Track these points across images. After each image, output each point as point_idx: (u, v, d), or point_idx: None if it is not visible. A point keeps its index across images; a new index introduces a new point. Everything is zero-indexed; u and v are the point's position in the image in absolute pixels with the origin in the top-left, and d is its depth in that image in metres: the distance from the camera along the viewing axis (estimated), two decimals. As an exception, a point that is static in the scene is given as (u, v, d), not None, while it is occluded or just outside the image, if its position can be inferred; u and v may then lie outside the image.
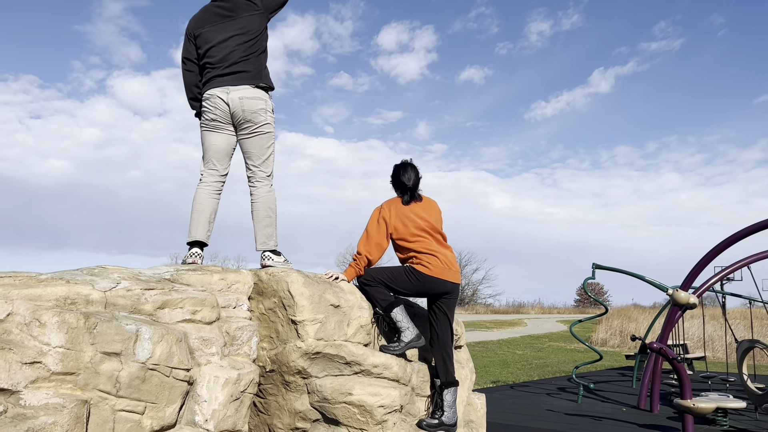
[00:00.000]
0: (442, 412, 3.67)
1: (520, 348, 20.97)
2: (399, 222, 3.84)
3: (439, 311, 3.81)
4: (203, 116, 3.77)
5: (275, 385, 3.41)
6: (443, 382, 3.70)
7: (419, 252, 3.82)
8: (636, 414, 8.94)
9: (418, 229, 3.87)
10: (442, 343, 3.75)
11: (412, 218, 3.86)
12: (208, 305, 2.81)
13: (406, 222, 3.84)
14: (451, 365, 3.75)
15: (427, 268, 3.77)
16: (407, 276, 3.78)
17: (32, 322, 2.22)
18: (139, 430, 2.38)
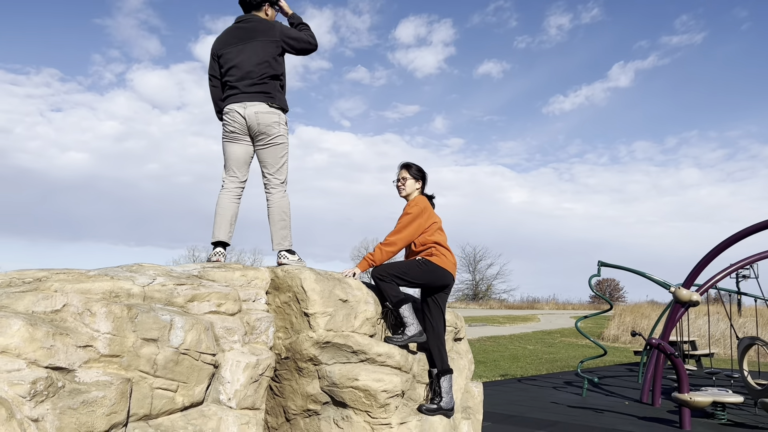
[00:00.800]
0: (440, 398, 4.04)
1: (531, 343, 21.24)
2: (431, 217, 4.25)
3: (434, 304, 4.18)
4: (224, 128, 4.16)
5: (289, 371, 3.81)
6: (439, 370, 4.07)
7: (439, 245, 4.21)
8: (638, 407, 9.23)
9: (440, 224, 4.30)
10: (437, 334, 4.12)
11: (433, 214, 4.29)
12: (231, 299, 3.21)
13: (436, 217, 4.26)
14: (446, 354, 4.12)
15: (442, 260, 4.16)
16: (421, 267, 4.15)
17: (84, 312, 2.62)
18: (172, 405, 2.78)
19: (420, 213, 4.15)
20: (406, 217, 4.15)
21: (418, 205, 4.19)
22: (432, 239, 4.20)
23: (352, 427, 3.71)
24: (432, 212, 4.28)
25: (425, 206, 4.21)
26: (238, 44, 4.10)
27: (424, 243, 4.20)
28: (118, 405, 2.53)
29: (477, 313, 38.11)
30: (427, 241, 4.20)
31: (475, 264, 63.62)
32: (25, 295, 2.62)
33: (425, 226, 4.17)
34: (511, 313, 40.17)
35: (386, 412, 3.74)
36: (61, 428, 2.38)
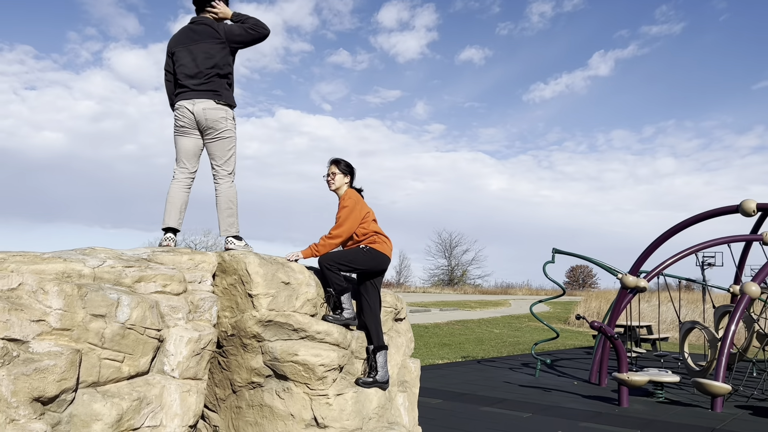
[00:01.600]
0: (375, 372, 4.41)
1: (499, 327, 21.83)
2: (364, 208, 4.60)
3: (371, 286, 4.55)
4: (175, 123, 4.46)
5: (235, 347, 4.15)
6: (375, 346, 4.45)
7: (378, 233, 4.59)
8: (585, 386, 9.76)
9: (373, 215, 4.66)
10: (374, 313, 4.49)
11: (365, 205, 4.64)
12: (177, 280, 3.53)
13: (365, 208, 4.60)
14: (381, 332, 4.50)
15: (384, 246, 4.54)
16: (366, 255, 4.51)
17: (38, 290, 2.93)
18: (119, 373, 3.11)
19: (355, 205, 4.50)
20: (344, 210, 4.49)
21: (352, 198, 4.53)
22: (372, 228, 4.56)
23: (293, 398, 4.07)
24: (364, 203, 4.62)
25: (358, 198, 4.57)
26: (189, 44, 4.39)
27: (365, 233, 4.56)
28: (67, 372, 2.85)
29: (451, 298, 38.73)
30: (367, 230, 4.56)
31: (451, 250, 64.36)
32: (-17, 275, 2.92)
33: (362, 216, 4.52)
34: (484, 298, 40.87)
35: (324, 384, 4.10)
36: (16, 392, 2.70)
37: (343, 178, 4.66)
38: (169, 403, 3.28)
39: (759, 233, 10.55)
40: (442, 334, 18.08)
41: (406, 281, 63.62)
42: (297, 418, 4.04)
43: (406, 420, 4.73)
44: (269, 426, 4.09)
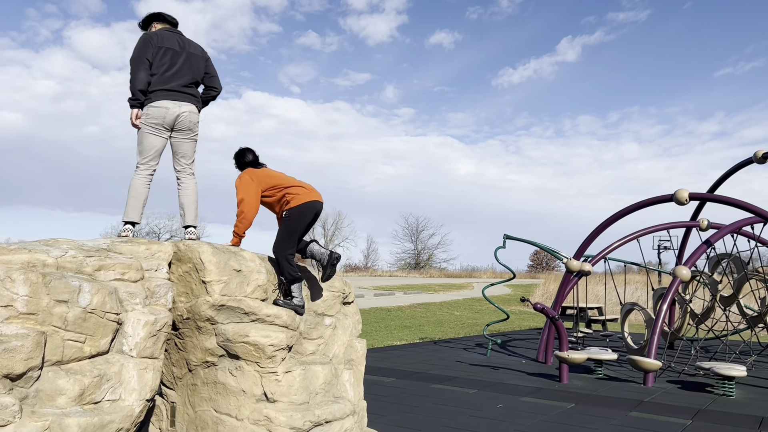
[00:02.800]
0: (292, 297, 4.81)
1: (459, 309, 22.49)
2: (264, 178, 4.93)
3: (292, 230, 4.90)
4: (148, 119, 4.73)
5: (191, 329, 4.50)
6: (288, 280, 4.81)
7: (288, 187, 4.91)
8: (532, 365, 10.34)
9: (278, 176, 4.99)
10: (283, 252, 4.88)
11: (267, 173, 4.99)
12: (134, 268, 3.86)
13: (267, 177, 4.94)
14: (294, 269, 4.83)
15: (299, 198, 4.87)
16: (290, 219, 4.85)
17: (5, 279, 3.24)
18: (81, 353, 3.45)
19: (242, 183, 4.90)
20: (237, 192, 4.93)
21: (240, 179, 4.95)
22: (283, 190, 4.92)
23: (244, 376, 4.45)
24: (262, 175, 4.95)
25: (246, 178, 4.93)
26: (178, 49, 4.82)
27: (277, 196, 4.95)
28: (33, 352, 3.18)
29: (416, 282, 39.38)
30: (276, 193, 4.94)
31: (417, 234, 65.12)
32: (-46, 265, 3.22)
33: (257, 187, 4.89)
34: (448, 281, 41.63)
35: (273, 362, 4.49)
36: (-14, 370, 3.02)
37: None
38: (128, 380, 3.63)
39: (696, 220, 11.25)
40: (403, 317, 18.61)
41: (373, 265, 64.24)
42: (248, 393, 4.42)
43: (352, 395, 5.15)
44: (223, 401, 4.47)
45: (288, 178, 5.03)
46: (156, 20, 5.00)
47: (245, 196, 4.86)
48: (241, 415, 4.39)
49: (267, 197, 4.97)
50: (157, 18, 5.00)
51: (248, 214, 4.86)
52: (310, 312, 5.06)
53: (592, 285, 22.48)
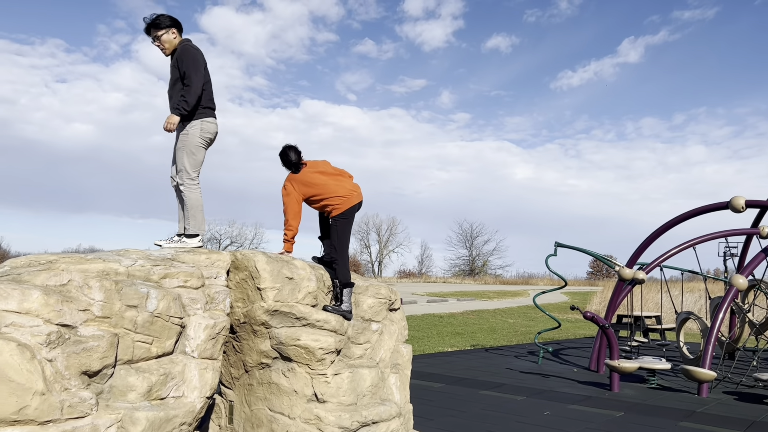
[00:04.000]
0: (341, 302, 5.08)
1: (513, 317, 22.35)
2: (304, 187, 5.19)
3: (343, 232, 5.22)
4: (204, 134, 4.96)
5: (247, 333, 4.83)
6: (342, 284, 5.13)
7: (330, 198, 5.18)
8: (583, 373, 10.29)
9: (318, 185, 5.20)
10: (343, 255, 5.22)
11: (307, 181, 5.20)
12: (196, 276, 4.21)
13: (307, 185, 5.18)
14: (348, 272, 5.17)
15: (341, 207, 5.18)
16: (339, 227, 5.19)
17: (84, 286, 3.62)
18: (148, 353, 3.80)
19: (286, 193, 5.19)
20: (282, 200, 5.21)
21: (284, 187, 5.22)
22: (323, 200, 5.19)
23: (296, 377, 4.74)
24: (302, 184, 5.18)
25: (289, 187, 5.18)
26: None
27: (322, 208, 5.26)
28: (107, 352, 3.55)
29: (470, 288, 39.22)
30: (321, 204, 5.22)
31: (472, 240, 64.75)
32: (40, 273, 3.63)
33: (300, 193, 5.17)
34: (503, 288, 41.27)
35: (323, 365, 4.77)
36: (68, 366, 3.40)
37: None
38: (190, 378, 3.97)
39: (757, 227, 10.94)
40: (456, 324, 18.69)
41: (427, 271, 64.24)
42: (300, 394, 4.71)
43: (398, 398, 5.37)
44: (276, 401, 4.77)
45: (327, 186, 5.21)
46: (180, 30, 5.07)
47: (288, 206, 5.16)
48: (294, 414, 4.68)
49: (310, 203, 5.30)
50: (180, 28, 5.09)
51: (292, 222, 5.19)
52: (358, 318, 5.32)
53: (651, 293, 21.94)
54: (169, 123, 4.82)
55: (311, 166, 5.31)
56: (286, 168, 5.34)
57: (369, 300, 5.46)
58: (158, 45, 5.03)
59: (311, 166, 5.32)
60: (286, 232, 5.21)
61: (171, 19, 5.01)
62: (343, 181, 5.34)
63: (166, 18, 4.98)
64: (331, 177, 5.30)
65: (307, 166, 5.30)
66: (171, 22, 4.99)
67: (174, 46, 5.03)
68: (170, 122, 4.82)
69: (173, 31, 5.00)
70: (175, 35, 5.03)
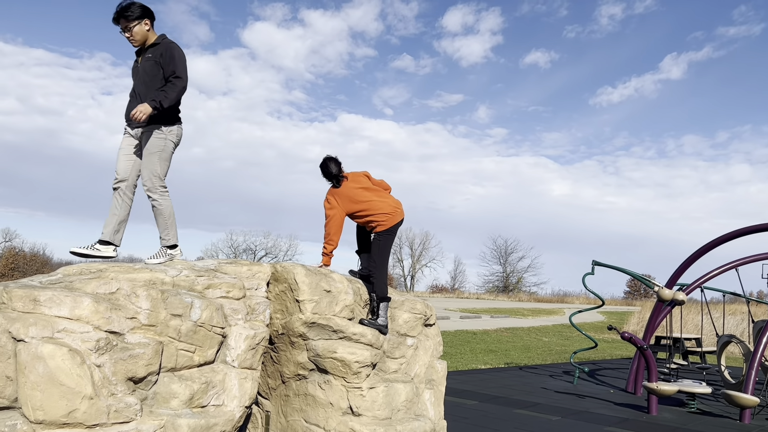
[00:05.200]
0: (377, 316, 5.13)
1: (548, 335, 22.03)
2: (348, 203, 5.25)
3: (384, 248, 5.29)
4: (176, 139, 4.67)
5: (285, 344, 4.91)
6: (380, 298, 5.18)
7: (374, 215, 5.25)
8: (620, 395, 10.10)
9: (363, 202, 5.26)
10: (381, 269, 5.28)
11: (352, 197, 5.26)
12: (237, 287, 4.32)
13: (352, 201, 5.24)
14: (386, 286, 5.23)
15: (385, 224, 5.26)
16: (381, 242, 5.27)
17: (131, 294, 3.76)
18: (191, 362, 3.91)
19: (329, 207, 5.24)
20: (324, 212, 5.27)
21: (327, 200, 5.28)
22: (368, 216, 5.26)
23: (332, 389, 4.80)
24: (347, 199, 5.24)
25: (332, 203, 5.24)
26: None
27: (365, 224, 5.32)
28: (152, 359, 3.67)
29: (504, 305, 38.82)
30: (365, 219, 5.28)
31: (506, 256, 64.12)
32: (91, 281, 3.77)
33: (344, 209, 5.23)
34: (538, 306, 40.73)
35: (358, 378, 4.81)
36: (115, 372, 3.53)
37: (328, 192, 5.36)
38: (230, 387, 4.06)
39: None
40: (489, 341, 18.52)
41: (460, 287, 63.81)
42: (335, 406, 4.76)
43: (432, 414, 5.37)
44: (312, 412, 4.83)
45: (373, 203, 5.27)
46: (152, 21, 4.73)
47: (331, 220, 5.23)
48: (329, 426, 4.73)
49: (353, 217, 5.37)
50: None
51: (334, 237, 5.26)
52: (393, 332, 5.36)
53: (690, 314, 21.40)
54: (141, 113, 4.38)
55: (353, 180, 5.36)
56: (326, 179, 5.39)
57: (404, 315, 5.49)
58: (128, 36, 4.65)
59: (353, 179, 5.37)
60: (326, 246, 5.28)
61: (143, 8, 4.62)
62: (387, 197, 5.41)
63: (137, 7, 4.60)
64: (375, 193, 5.36)
65: (348, 179, 5.35)
66: (142, 11, 4.61)
67: (146, 37, 4.69)
68: (143, 112, 4.39)
69: (146, 21, 4.65)
70: (148, 26, 4.67)
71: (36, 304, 3.47)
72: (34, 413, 3.28)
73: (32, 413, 3.28)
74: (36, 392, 3.28)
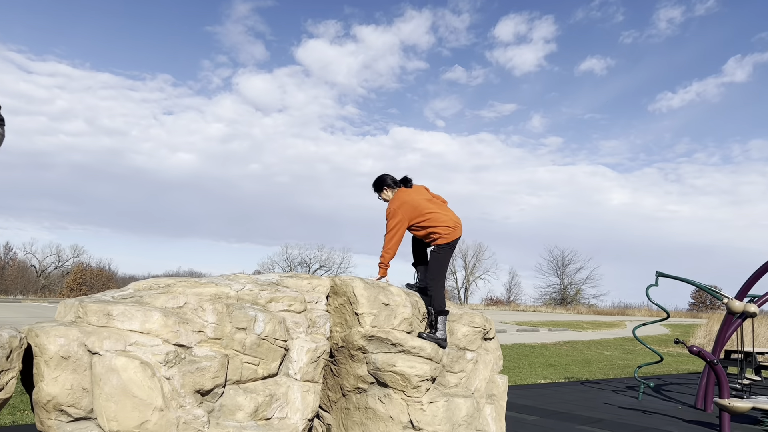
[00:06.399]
0: (435, 330, 5.08)
1: (610, 349, 21.38)
2: (412, 211, 5.24)
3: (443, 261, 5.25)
4: None
5: (344, 357, 4.95)
6: (437, 311, 5.13)
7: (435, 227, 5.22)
8: (689, 411, 9.71)
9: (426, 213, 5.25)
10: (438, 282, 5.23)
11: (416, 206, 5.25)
12: (299, 301, 4.38)
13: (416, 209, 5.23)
14: (443, 299, 5.18)
15: (446, 237, 5.23)
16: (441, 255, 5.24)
17: (198, 308, 3.87)
18: (255, 374, 3.98)
19: (393, 214, 5.21)
20: (387, 221, 5.24)
21: (391, 209, 5.25)
22: (430, 227, 5.22)
23: (392, 403, 4.79)
24: (412, 205, 5.22)
25: (396, 212, 5.21)
26: None
27: (426, 235, 5.29)
28: (219, 372, 3.75)
29: (561, 318, 37.97)
30: (427, 231, 5.25)
31: (563, 268, 62.72)
32: (160, 296, 3.90)
33: (408, 219, 5.21)
34: (598, 318, 39.65)
35: (418, 392, 4.79)
36: (184, 385, 3.63)
37: (387, 194, 5.40)
38: (293, 400, 4.11)
39: None
40: (548, 355, 18.12)
41: (516, 299, 62.79)
42: (396, 420, 4.75)
43: (494, 429, 5.29)
44: (372, 426, 4.84)
45: (437, 215, 5.26)
46: None
47: (392, 228, 5.21)
48: (389, 440, 4.72)
49: (414, 229, 5.36)
50: None
51: (393, 246, 5.27)
52: (452, 346, 5.32)
53: (762, 327, 20.39)
54: None
55: (416, 191, 5.41)
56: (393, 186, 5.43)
57: (463, 328, 5.45)
58: None
59: (416, 190, 5.42)
60: (384, 255, 5.27)
61: None
62: (449, 210, 5.41)
63: None
64: (437, 206, 5.39)
65: (412, 189, 5.43)
66: None
67: None
68: None
69: None
70: None
71: (109, 318, 3.62)
72: (109, 424, 3.41)
73: (107, 424, 3.41)
74: (110, 403, 3.41)
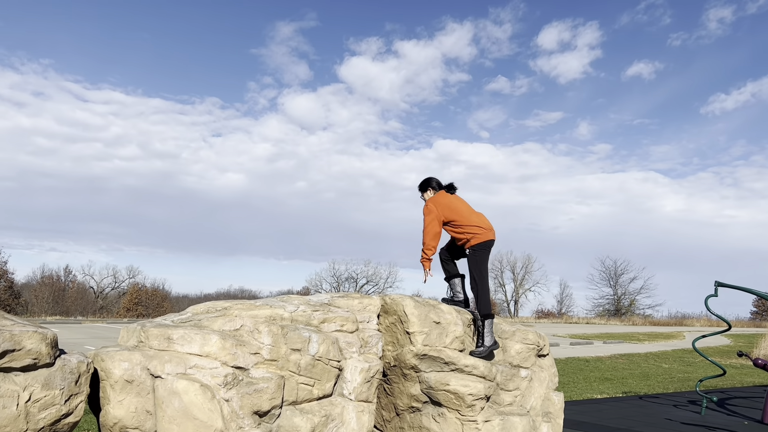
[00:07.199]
0: (482, 339, 5.04)
1: (668, 362, 20.69)
2: (445, 209, 5.36)
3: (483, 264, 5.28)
4: None
5: (397, 376, 4.96)
6: (483, 315, 5.13)
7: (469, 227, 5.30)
8: (755, 427, 9.31)
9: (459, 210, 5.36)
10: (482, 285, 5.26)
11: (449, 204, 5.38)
12: (351, 321, 4.43)
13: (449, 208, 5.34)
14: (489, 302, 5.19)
15: (479, 237, 5.28)
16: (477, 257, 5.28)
17: (254, 330, 3.96)
18: (310, 395, 4.04)
19: (428, 212, 5.33)
20: (424, 218, 5.36)
21: (427, 206, 5.39)
22: (463, 226, 5.30)
23: (446, 422, 4.77)
24: (444, 206, 5.35)
25: (431, 209, 5.34)
26: None
27: (460, 238, 5.34)
28: (275, 393, 3.82)
29: (616, 330, 36.99)
30: (460, 229, 5.31)
31: (617, 278, 61.10)
32: (217, 319, 4.01)
33: (442, 216, 5.30)
34: (654, 330, 38.45)
35: (473, 411, 4.76)
36: (242, 406, 3.71)
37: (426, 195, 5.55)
38: (348, 420, 4.15)
39: None
40: (604, 368, 17.66)
41: (567, 311, 61.42)
42: (451, 439, 4.73)
43: (551, 447, 5.20)
44: (427, 445, 4.82)
45: (467, 215, 5.38)
46: None
47: (428, 225, 5.32)
48: (445, 459, 4.70)
49: (448, 228, 5.43)
50: None
51: (431, 243, 5.34)
52: (506, 364, 5.26)
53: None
54: None
55: (454, 197, 5.56)
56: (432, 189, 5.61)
57: (516, 345, 5.39)
58: None
59: (454, 196, 5.57)
60: (425, 252, 5.35)
61: None
62: (480, 213, 5.51)
63: None
64: (469, 208, 5.51)
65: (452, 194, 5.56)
66: None
67: None
68: None
69: None
70: None
71: (170, 342, 3.74)
72: (172, 445, 3.51)
73: (170, 445, 3.51)
74: (173, 426, 3.51)
